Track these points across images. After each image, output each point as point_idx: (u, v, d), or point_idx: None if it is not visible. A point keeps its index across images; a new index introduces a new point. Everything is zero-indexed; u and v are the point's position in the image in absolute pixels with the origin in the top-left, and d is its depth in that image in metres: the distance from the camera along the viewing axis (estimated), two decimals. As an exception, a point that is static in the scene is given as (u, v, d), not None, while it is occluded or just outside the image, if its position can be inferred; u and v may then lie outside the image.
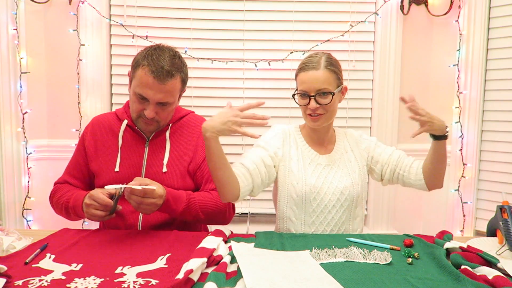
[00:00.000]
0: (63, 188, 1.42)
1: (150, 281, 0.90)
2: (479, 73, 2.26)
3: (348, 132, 1.52)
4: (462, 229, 2.31)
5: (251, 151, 1.37)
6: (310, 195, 1.35)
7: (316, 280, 0.90)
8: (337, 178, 1.39)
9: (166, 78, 1.28)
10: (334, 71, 1.34)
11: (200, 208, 1.33)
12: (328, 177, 1.38)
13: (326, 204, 1.36)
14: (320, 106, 1.33)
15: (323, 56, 1.36)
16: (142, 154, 1.40)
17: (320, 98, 1.32)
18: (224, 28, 2.36)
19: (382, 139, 2.41)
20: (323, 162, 1.41)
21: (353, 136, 1.50)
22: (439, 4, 2.35)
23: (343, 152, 1.45)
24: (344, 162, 1.43)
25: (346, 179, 1.39)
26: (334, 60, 1.37)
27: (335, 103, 1.36)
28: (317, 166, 1.39)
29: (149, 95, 1.29)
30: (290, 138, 1.43)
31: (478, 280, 0.91)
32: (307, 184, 1.35)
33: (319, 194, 1.35)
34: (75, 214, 1.35)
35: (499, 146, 2.23)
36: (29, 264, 0.99)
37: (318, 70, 1.32)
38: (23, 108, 2.21)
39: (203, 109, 2.36)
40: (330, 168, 1.40)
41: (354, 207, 1.40)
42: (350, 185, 1.38)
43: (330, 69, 1.33)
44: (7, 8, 2.13)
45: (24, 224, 2.24)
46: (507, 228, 1.11)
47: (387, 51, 2.37)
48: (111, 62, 2.36)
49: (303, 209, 1.36)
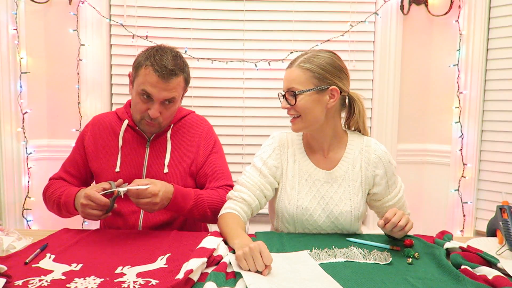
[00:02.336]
0: (57, 184, 1.42)
1: (150, 281, 0.90)
2: (479, 73, 2.25)
3: (366, 143, 1.31)
4: (462, 229, 2.31)
5: (250, 176, 1.30)
6: (302, 217, 1.26)
7: (316, 280, 0.90)
8: (335, 200, 1.26)
9: (170, 76, 1.28)
10: (309, 68, 1.21)
11: (208, 205, 1.33)
12: (325, 198, 1.27)
13: (320, 225, 1.27)
14: (291, 107, 1.23)
15: (307, 54, 1.25)
16: (143, 154, 1.40)
17: (289, 97, 1.23)
18: (224, 28, 2.36)
19: (382, 139, 2.43)
20: (322, 178, 1.28)
21: (368, 153, 1.29)
22: (439, 4, 2.35)
23: (350, 167, 1.28)
24: (347, 181, 1.28)
25: (345, 204, 1.26)
26: (319, 58, 1.22)
27: (307, 105, 1.21)
28: (314, 183, 1.28)
29: (153, 93, 1.29)
30: (288, 150, 1.33)
31: (478, 280, 0.91)
32: (299, 206, 1.26)
33: (312, 216, 1.26)
34: (66, 211, 1.34)
35: (499, 146, 2.23)
36: (29, 264, 0.99)
37: (291, 68, 1.24)
38: (23, 108, 2.21)
39: (203, 109, 2.37)
40: (330, 186, 1.27)
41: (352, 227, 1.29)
42: (348, 211, 1.26)
43: (303, 66, 1.21)
44: (7, 8, 2.13)
45: (24, 224, 2.24)
46: (507, 228, 1.11)
47: (387, 51, 2.37)
48: (111, 62, 2.36)
49: (295, 228, 1.30)
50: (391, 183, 1.31)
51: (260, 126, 2.41)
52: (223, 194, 1.35)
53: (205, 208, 1.33)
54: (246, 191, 1.28)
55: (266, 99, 2.39)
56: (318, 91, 1.21)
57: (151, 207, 1.21)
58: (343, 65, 1.27)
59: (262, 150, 1.35)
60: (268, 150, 1.33)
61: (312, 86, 1.21)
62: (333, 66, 1.23)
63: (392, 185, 1.32)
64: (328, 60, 1.23)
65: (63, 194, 1.33)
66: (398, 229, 1.10)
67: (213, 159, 1.44)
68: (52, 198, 1.37)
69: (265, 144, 1.36)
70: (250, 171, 1.32)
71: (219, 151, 1.48)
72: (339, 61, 1.26)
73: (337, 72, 1.24)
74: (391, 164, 1.30)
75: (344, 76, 1.26)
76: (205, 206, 1.33)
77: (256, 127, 2.41)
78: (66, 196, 1.32)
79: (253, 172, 1.31)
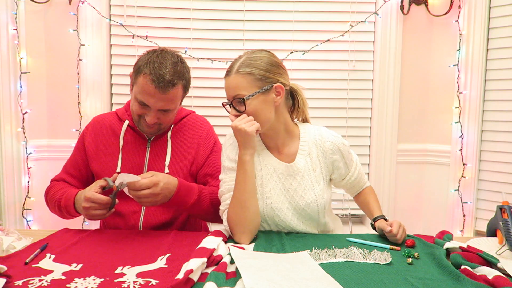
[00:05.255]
0: (57, 186, 1.42)
1: (150, 281, 0.90)
2: (479, 73, 2.25)
3: (318, 132, 1.32)
4: (462, 229, 2.31)
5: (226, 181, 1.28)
6: (272, 213, 1.26)
7: (316, 280, 0.90)
8: (299, 192, 1.27)
9: (167, 87, 1.27)
10: (249, 72, 1.20)
11: (210, 201, 1.33)
12: (290, 191, 1.27)
13: (289, 221, 1.27)
14: (240, 114, 1.21)
15: (241, 58, 1.24)
16: (144, 155, 1.40)
17: (237, 105, 1.22)
18: (224, 28, 2.36)
19: (382, 139, 2.43)
20: (285, 171, 1.28)
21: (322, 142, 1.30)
22: (439, 4, 2.35)
23: (308, 158, 1.29)
24: (308, 172, 1.28)
25: (309, 194, 1.27)
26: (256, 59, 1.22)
27: (257, 108, 1.20)
28: (279, 177, 1.27)
29: (150, 103, 1.29)
30: None
31: (478, 280, 0.91)
32: (268, 202, 1.26)
33: (281, 211, 1.26)
34: (68, 213, 1.35)
35: (499, 146, 2.23)
36: (29, 264, 0.99)
37: (230, 76, 1.22)
38: (23, 108, 2.21)
39: (203, 109, 2.37)
40: (293, 179, 1.27)
41: (320, 217, 1.30)
42: (313, 200, 1.27)
43: (242, 72, 1.20)
44: (7, 8, 2.13)
45: (24, 224, 2.24)
46: (507, 228, 1.11)
47: (387, 51, 2.37)
48: (111, 62, 2.36)
49: (269, 225, 1.30)
50: (348, 161, 1.34)
51: (260, 126, 2.40)
52: None
53: (208, 204, 1.32)
54: (229, 196, 1.25)
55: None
56: (263, 92, 1.21)
57: (154, 198, 1.19)
58: (278, 60, 1.27)
59: (223, 151, 1.33)
60: (229, 148, 1.32)
61: (257, 89, 1.20)
62: (271, 64, 1.23)
63: (350, 162, 1.35)
64: (265, 59, 1.23)
65: (63, 197, 1.34)
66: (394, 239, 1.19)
67: (213, 159, 1.44)
68: (53, 201, 1.38)
69: (225, 144, 1.34)
70: (222, 176, 1.31)
71: (219, 151, 1.47)
72: (274, 58, 1.27)
73: (276, 69, 1.24)
74: (344, 145, 1.33)
75: (282, 71, 1.27)
76: (207, 202, 1.32)
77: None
78: (65, 199, 1.32)
79: (225, 176, 1.29)
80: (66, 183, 1.43)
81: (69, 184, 1.43)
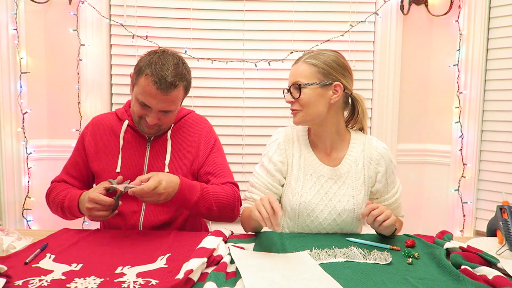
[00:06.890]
0: (59, 187, 1.42)
1: (150, 281, 0.90)
2: (479, 73, 2.25)
3: (368, 141, 1.33)
4: (462, 229, 2.31)
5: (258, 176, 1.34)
6: (304, 211, 1.28)
7: (316, 280, 0.90)
8: (338, 197, 1.27)
9: (169, 89, 1.27)
10: (315, 64, 1.24)
11: (213, 198, 1.32)
12: (329, 194, 1.28)
13: (321, 222, 1.28)
14: (294, 101, 1.26)
15: (313, 51, 1.28)
16: (144, 154, 1.40)
17: (293, 91, 1.26)
18: (224, 28, 2.36)
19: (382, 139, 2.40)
20: (326, 174, 1.29)
21: (370, 150, 1.31)
22: (439, 4, 2.35)
23: (353, 165, 1.30)
24: (351, 179, 1.29)
25: (348, 201, 1.27)
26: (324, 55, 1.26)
27: (311, 99, 1.23)
28: (319, 178, 1.29)
29: (151, 104, 1.29)
30: (293, 144, 1.34)
31: (478, 280, 0.91)
32: (302, 200, 1.28)
33: (314, 211, 1.27)
34: (71, 214, 1.35)
35: (499, 146, 2.23)
36: (29, 264, 0.99)
37: (297, 64, 1.28)
38: (23, 108, 2.21)
39: (203, 109, 2.37)
40: (333, 183, 1.28)
41: (354, 224, 1.31)
42: (351, 208, 1.27)
43: (308, 62, 1.25)
44: (7, 8, 2.13)
45: (24, 224, 2.24)
46: (507, 228, 1.11)
47: (387, 51, 2.37)
48: (111, 62, 2.36)
49: (296, 223, 1.31)
50: (390, 181, 1.33)
51: (260, 126, 2.40)
52: (227, 189, 1.36)
53: (211, 201, 1.32)
54: (256, 191, 1.33)
55: (266, 99, 2.39)
56: (322, 86, 1.24)
57: (156, 198, 1.19)
58: (347, 64, 1.30)
59: (267, 148, 1.38)
60: (273, 147, 1.36)
61: (317, 81, 1.24)
62: (337, 63, 1.27)
63: (391, 183, 1.34)
64: (333, 57, 1.27)
65: (66, 198, 1.34)
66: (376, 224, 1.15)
67: (214, 157, 1.44)
68: (56, 202, 1.38)
69: (270, 140, 1.38)
70: (258, 171, 1.36)
71: (219, 149, 1.48)
72: (343, 60, 1.30)
73: (341, 69, 1.27)
74: (391, 162, 1.34)
75: (348, 74, 1.30)
76: (210, 199, 1.32)
77: (256, 127, 2.41)
78: (69, 200, 1.32)
79: (261, 172, 1.35)
80: (67, 184, 1.43)
81: (70, 185, 1.43)
